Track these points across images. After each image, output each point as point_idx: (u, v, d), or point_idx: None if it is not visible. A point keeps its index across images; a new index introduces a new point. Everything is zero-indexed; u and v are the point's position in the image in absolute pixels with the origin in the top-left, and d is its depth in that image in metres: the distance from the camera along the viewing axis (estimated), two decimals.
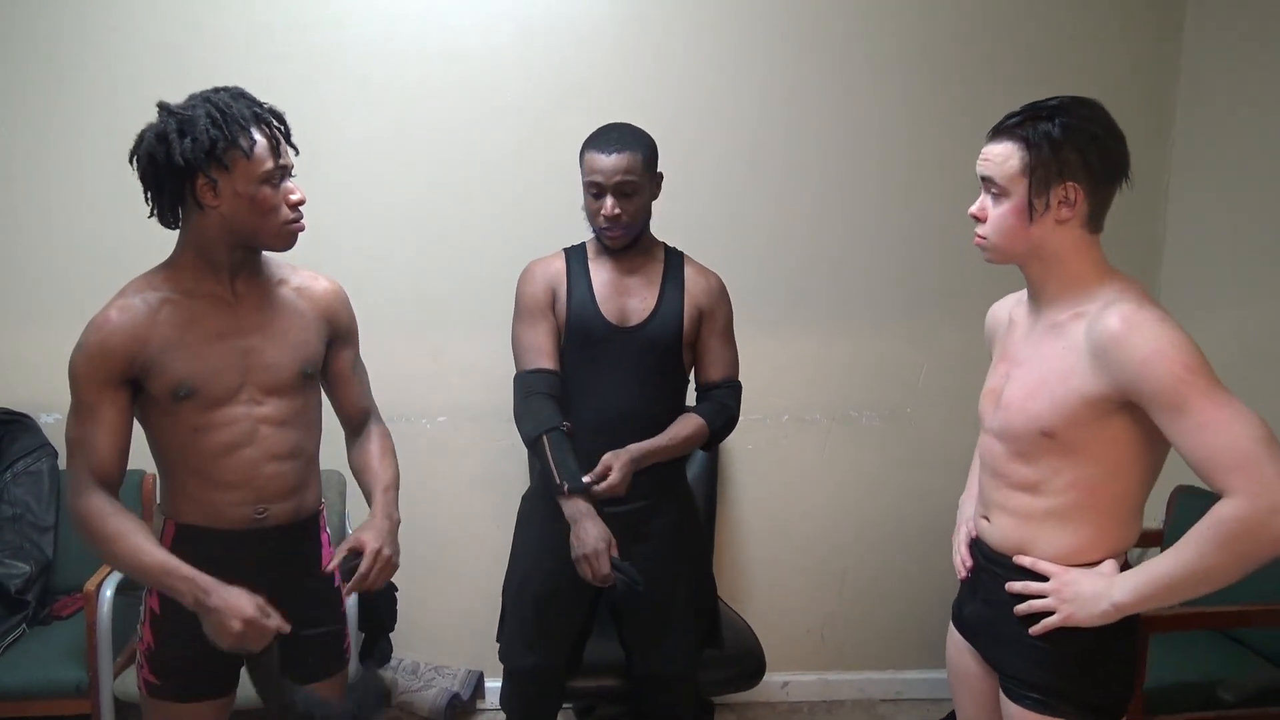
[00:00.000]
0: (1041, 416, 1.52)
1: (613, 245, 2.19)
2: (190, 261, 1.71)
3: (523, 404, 2.21)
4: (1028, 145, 1.49)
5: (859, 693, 3.28)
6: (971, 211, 1.59)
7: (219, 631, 1.60)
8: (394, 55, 2.87)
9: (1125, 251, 3.12)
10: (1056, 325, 1.54)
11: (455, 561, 3.11)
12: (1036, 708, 1.57)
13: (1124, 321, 1.43)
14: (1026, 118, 1.51)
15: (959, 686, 1.81)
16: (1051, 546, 1.57)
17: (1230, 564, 1.38)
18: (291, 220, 1.70)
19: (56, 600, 2.83)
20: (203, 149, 1.59)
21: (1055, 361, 1.52)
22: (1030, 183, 1.49)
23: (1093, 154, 1.49)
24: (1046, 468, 1.55)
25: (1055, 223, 1.51)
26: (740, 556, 3.19)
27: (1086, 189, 1.50)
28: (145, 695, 1.80)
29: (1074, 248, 1.53)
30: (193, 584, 1.60)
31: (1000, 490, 1.63)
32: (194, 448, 1.71)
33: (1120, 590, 1.47)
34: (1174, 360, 1.39)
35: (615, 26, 2.91)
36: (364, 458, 1.93)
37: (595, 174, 2.12)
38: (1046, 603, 1.54)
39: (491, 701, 3.12)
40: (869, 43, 2.98)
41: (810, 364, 3.11)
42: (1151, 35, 3.05)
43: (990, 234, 1.56)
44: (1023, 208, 1.51)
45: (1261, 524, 1.33)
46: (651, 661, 2.30)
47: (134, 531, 1.63)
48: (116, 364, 1.64)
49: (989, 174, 1.54)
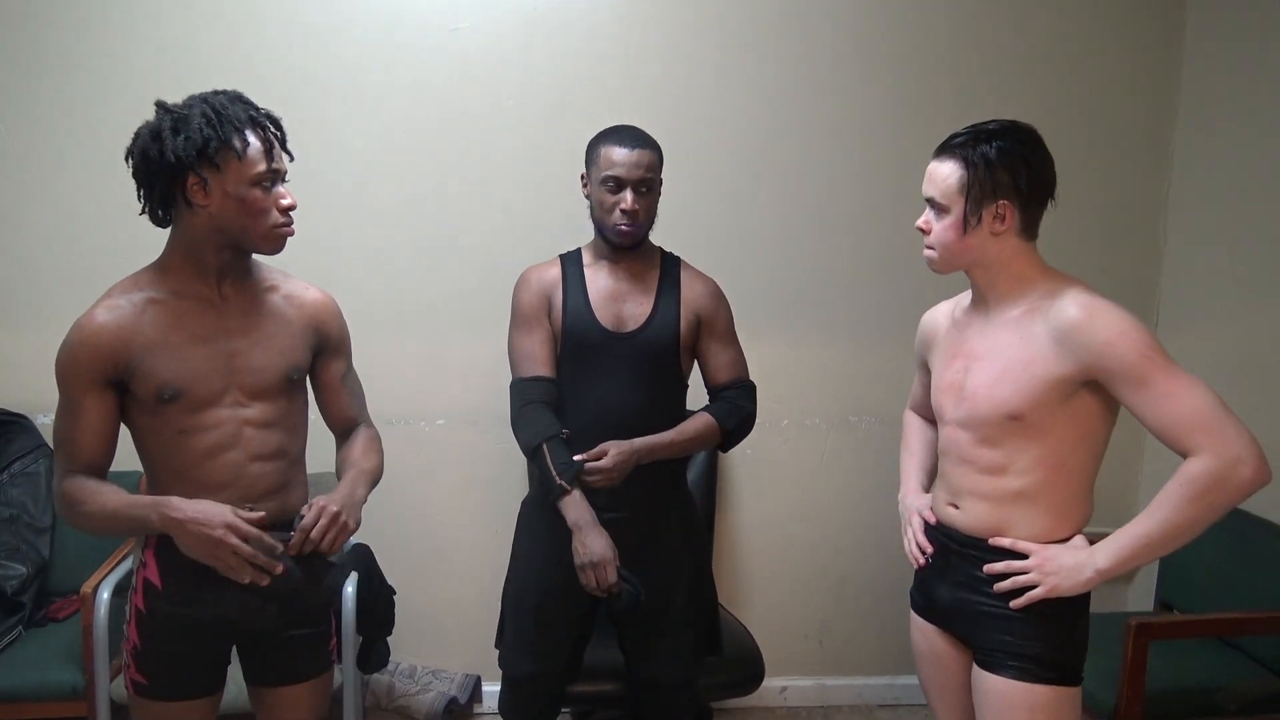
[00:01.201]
0: (1009, 401, 1.67)
1: (625, 243, 2.18)
2: (178, 262, 1.71)
3: (520, 412, 2.21)
4: (966, 165, 1.66)
5: (856, 698, 3.27)
6: (918, 225, 1.77)
7: (201, 548, 1.61)
8: (392, 57, 2.87)
9: (1125, 259, 3.15)
10: (1012, 320, 1.70)
11: (453, 565, 3.10)
12: (1014, 675, 1.70)
13: (1083, 309, 1.61)
14: (968, 139, 1.68)
15: (930, 671, 1.95)
16: (1029, 525, 1.71)
17: (1202, 515, 1.55)
18: (281, 224, 1.71)
19: (53, 602, 2.82)
20: (195, 147, 1.60)
21: (1015, 351, 1.67)
22: (966, 200, 1.67)
23: (1023, 176, 1.65)
24: (1012, 449, 1.70)
25: (991, 234, 1.68)
26: (739, 561, 3.18)
27: (1017, 205, 1.67)
28: (133, 695, 1.80)
29: (1013, 254, 1.70)
30: (155, 505, 1.63)
31: (969, 476, 1.77)
32: (179, 449, 1.71)
33: (1102, 556, 1.63)
34: (1135, 339, 1.56)
35: (616, 30, 2.91)
36: (347, 451, 1.93)
37: (616, 167, 2.12)
38: (1030, 578, 1.69)
39: (489, 705, 3.11)
40: (870, 52, 2.97)
41: (810, 369, 3.11)
42: (1152, 45, 3.05)
43: (935, 245, 1.74)
44: (959, 222, 1.69)
45: (1227, 475, 1.52)
46: (651, 668, 2.29)
47: (109, 488, 1.67)
48: (102, 364, 1.64)
49: (930, 194, 1.72)
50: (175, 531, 1.63)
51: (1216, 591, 2.62)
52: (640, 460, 2.15)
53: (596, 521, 2.11)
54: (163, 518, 1.62)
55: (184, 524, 1.61)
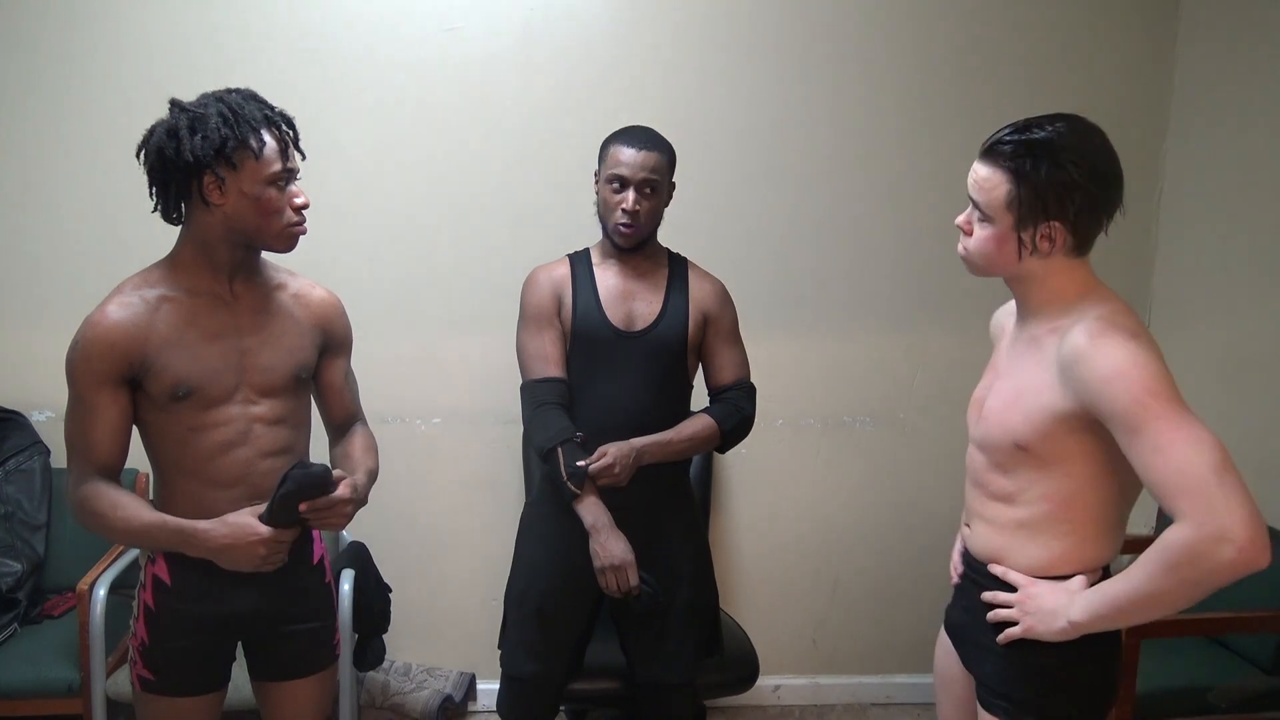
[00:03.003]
0: (1016, 429, 1.52)
1: (624, 243, 2.19)
2: (190, 259, 1.71)
3: (533, 414, 2.20)
4: (1017, 180, 1.48)
5: (850, 697, 3.28)
6: (958, 222, 1.60)
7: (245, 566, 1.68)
8: (388, 57, 2.86)
9: (1117, 262, 3.16)
10: (1035, 339, 1.55)
11: (449, 563, 3.11)
12: (1004, 715, 1.58)
13: (1090, 339, 1.42)
14: (1019, 148, 1.48)
15: (941, 689, 1.84)
16: (1025, 558, 1.58)
17: (1176, 589, 1.36)
18: (295, 223, 1.71)
19: (48, 599, 2.81)
20: (213, 146, 1.60)
21: (1030, 375, 1.53)
22: (1015, 219, 1.49)
23: (1079, 198, 1.47)
24: (1022, 479, 1.55)
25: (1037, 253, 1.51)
26: (733, 560, 3.19)
27: (1069, 229, 1.49)
28: (139, 691, 1.80)
29: (1055, 271, 1.53)
30: (181, 534, 1.66)
31: (980, 499, 1.66)
32: (189, 447, 1.71)
33: (1078, 608, 1.48)
34: (1134, 380, 1.37)
35: (617, 31, 2.91)
36: (346, 448, 1.93)
37: (620, 166, 2.13)
38: (1010, 613, 1.57)
39: (484, 703, 3.12)
40: (868, 52, 2.99)
41: (804, 369, 3.12)
42: (1145, 48, 3.07)
43: (973, 251, 1.58)
44: (1005, 237, 1.51)
45: (1205, 552, 1.31)
46: (653, 669, 2.30)
47: (131, 501, 1.68)
48: (117, 362, 1.64)
49: (975, 198, 1.55)
50: (213, 558, 1.68)
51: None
52: (641, 459, 2.15)
53: (613, 524, 2.12)
54: (198, 549, 1.67)
55: (219, 554, 1.67)
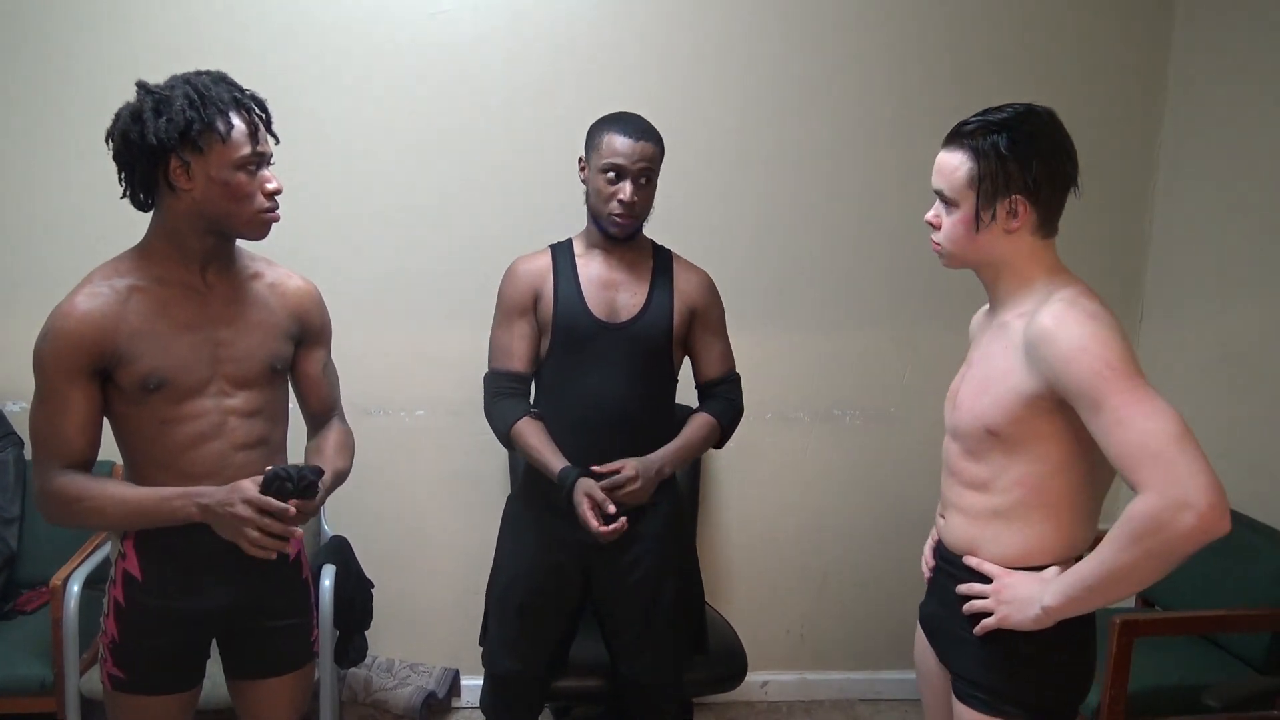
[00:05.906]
0: (985, 414, 1.55)
1: (619, 234, 2.16)
2: (161, 248, 1.67)
3: (490, 403, 2.23)
4: (976, 157, 1.52)
5: (838, 693, 3.27)
6: (927, 218, 1.64)
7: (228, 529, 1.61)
8: (372, 43, 2.82)
9: (1111, 253, 3.16)
10: (1004, 325, 1.58)
11: (432, 558, 3.07)
12: (981, 708, 1.59)
13: (1053, 319, 1.45)
14: (978, 128, 1.54)
15: (923, 684, 1.85)
16: (999, 547, 1.59)
17: (1142, 561, 1.36)
18: (266, 209, 1.66)
19: (21, 595, 2.76)
20: (177, 129, 1.55)
21: (998, 360, 1.55)
22: (977, 196, 1.53)
23: (1038, 169, 1.51)
24: (994, 465, 1.57)
25: (1004, 232, 1.54)
26: (721, 555, 3.17)
27: (1032, 201, 1.52)
28: (109, 690, 1.76)
29: (1024, 254, 1.56)
30: (187, 496, 1.61)
31: (954, 489, 1.67)
32: (162, 440, 1.67)
33: (1050, 594, 1.48)
34: (1095, 356, 1.39)
35: (604, 16, 2.87)
36: (321, 443, 1.89)
37: (617, 156, 2.09)
38: (986, 604, 1.57)
39: (467, 700, 3.09)
40: (856, 44, 2.96)
41: (794, 362, 3.10)
42: (1140, 41, 3.05)
43: (944, 241, 1.61)
44: (970, 219, 1.55)
45: (1166, 520, 1.32)
46: (637, 667, 2.27)
47: (110, 484, 1.64)
48: (86, 353, 1.59)
49: (939, 187, 1.58)
50: (210, 518, 1.61)
51: (1200, 589, 2.62)
52: (663, 475, 2.15)
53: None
54: (201, 507, 1.61)
55: (212, 508, 1.60)
